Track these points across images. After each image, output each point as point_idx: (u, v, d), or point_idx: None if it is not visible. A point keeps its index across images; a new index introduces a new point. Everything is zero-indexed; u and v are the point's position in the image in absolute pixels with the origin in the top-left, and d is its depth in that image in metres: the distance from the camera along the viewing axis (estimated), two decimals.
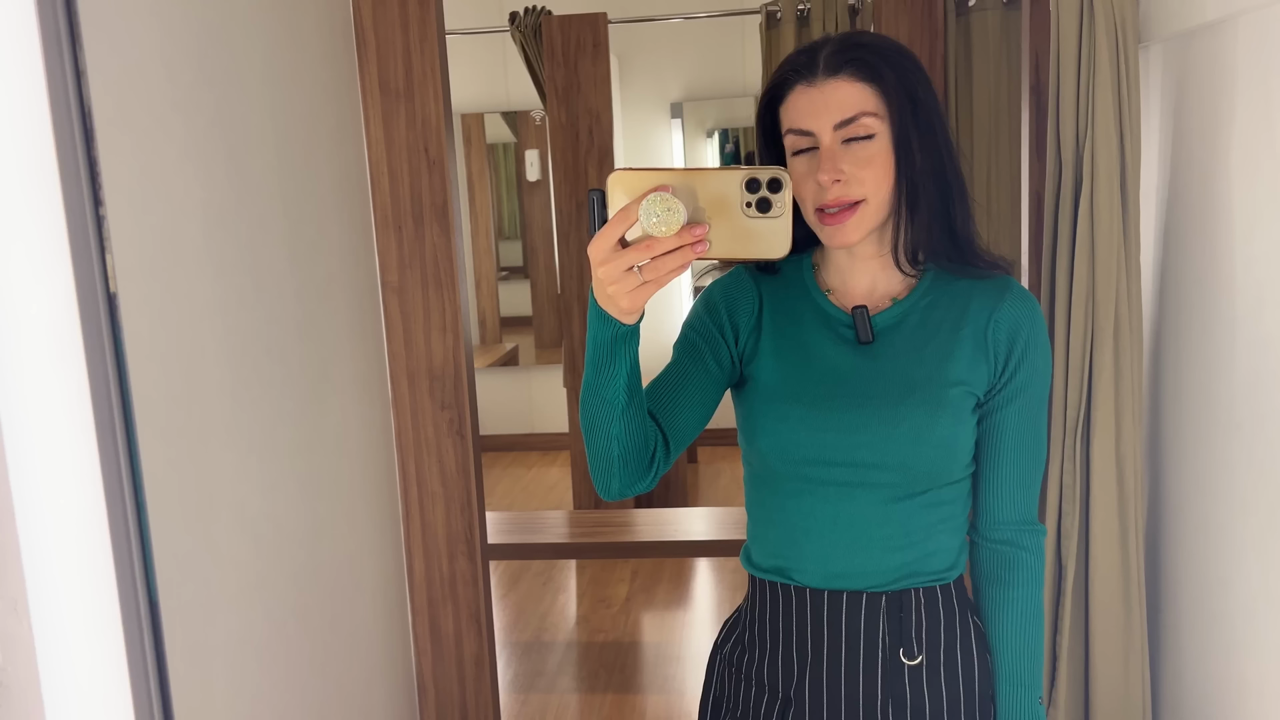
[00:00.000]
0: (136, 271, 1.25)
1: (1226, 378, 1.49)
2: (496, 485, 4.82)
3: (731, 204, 0.83)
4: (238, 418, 1.50)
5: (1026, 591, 1.09)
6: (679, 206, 0.81)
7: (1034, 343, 1.06)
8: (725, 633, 1.22)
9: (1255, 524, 1.42)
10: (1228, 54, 1.46)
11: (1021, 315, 1.05)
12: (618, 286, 0.84)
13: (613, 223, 0.82)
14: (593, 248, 0.84)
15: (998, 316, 1.05)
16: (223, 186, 1.48)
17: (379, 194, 2.05)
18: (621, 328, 0.90)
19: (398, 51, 2.01)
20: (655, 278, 0.83)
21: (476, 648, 2.20)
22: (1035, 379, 1.06)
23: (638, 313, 0.88)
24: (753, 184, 0.83)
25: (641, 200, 0.81)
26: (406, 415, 2.12)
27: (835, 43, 1.01)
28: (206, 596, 1.40)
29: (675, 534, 3.02)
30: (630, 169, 0.83)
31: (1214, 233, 1.52)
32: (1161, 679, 1.77)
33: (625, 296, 0.84)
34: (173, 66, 1.36)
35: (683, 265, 0.83)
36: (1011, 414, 1.06)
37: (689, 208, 0.82)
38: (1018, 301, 1.06)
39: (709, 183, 0.83)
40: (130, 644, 0.75)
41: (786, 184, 0.83)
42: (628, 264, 0.83)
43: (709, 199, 0.83)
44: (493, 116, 5.13)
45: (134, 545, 0.83)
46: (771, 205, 0.83)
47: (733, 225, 0.83)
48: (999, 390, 1.05)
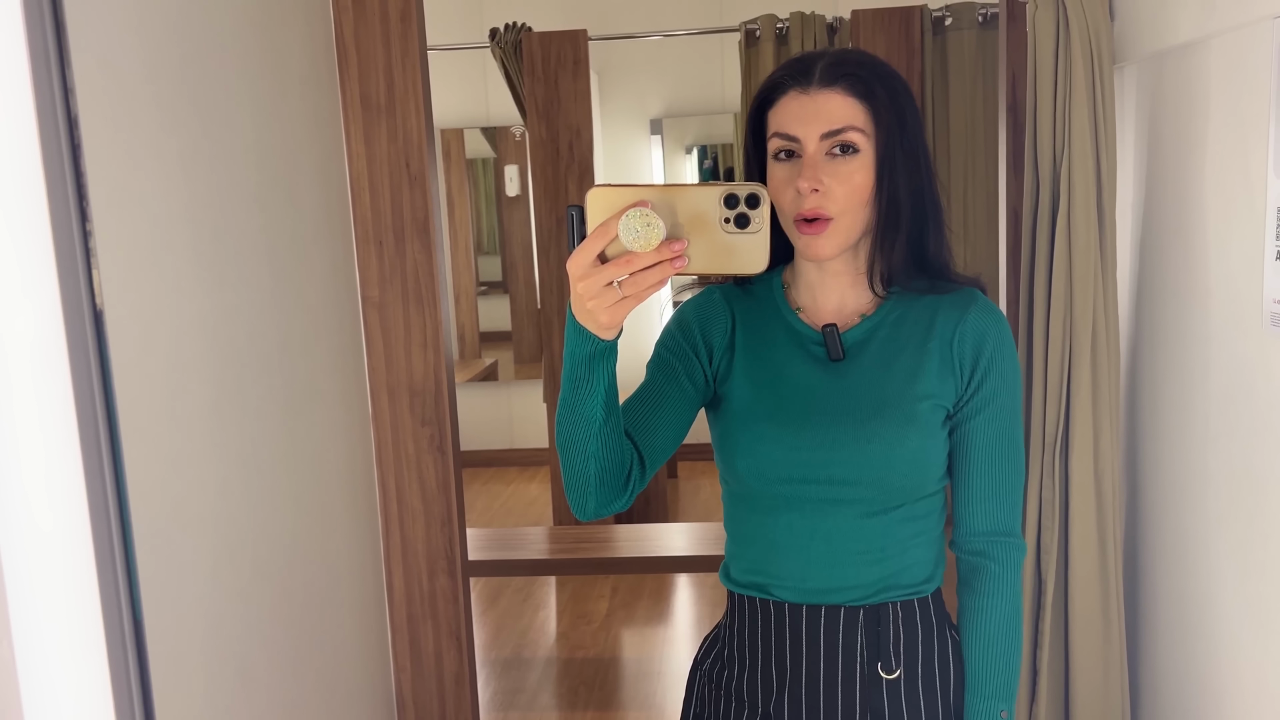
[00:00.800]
0: (122, 287, 1.24)
1: (1202, 391, 1.51)
2: (476, 501, 4.79)
3: (710, 219, 0.84)
4: (220, 433, 1.49)
5: (994, 602, 1.09)
6: (658, 222, 0.82)
7: (1000, 353, 1.06)
8: (705, 649, 1.22)
9: (1232, 536, 1.44)
10: (1201, 74, 1.48)
11: (987, 326, 1.06)
12: (597, 301, 0.84)
13: (592, 238, 0.83)
14: (572, 263, 0.84)
15: (963, 329, 1.06)
16: (206, 202, 1.47)
17: (360, 209, 2.04)
18: (600, 343, 0.90)
19: (379, 67, 2.01)
20: (634, 293, 0.83)
21: (456, 665, 2.18)
22: (1003, 389, 1.06)
23: (616, 328, 0.88)
24: (731, 200, 0.83)
25: (620, 216, 0.81)
26: (387, 431, 2.11)
27: (833, 55, 1.02)
28: (188, 614, 1.38)
29: (656, 549, 3.02)
30: (609, 185, 0.83)
31: (1189, 249, 1.55)
32: (1140, 691, 1.78)
33: (604, 312, 0.85)
34: (157, 84, 1.35)
35: (661, 280, 0.83)
36: (980, 425, 1.06)
37: (668, 223, 0.83)
38: (982, 313, 1.07)
39: (688, 198, 0.83)
40: (114, 660, 0.74)
41: (765, 200, 0.84)
42: (607, 279, 0.83)
43: (688, 214, 0.83)
44: (473, 132, 5.13)
45: (118, 562, 0.82)
46: (750, 221, 0.84)
47: (711, 240, 0.84)
48: (967, 401, 1.06)
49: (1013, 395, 1.08)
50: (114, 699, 0.74)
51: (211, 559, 1.46)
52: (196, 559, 1.42)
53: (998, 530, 1.09)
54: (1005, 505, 1.09)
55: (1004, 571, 1.09)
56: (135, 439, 1.25)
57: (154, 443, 1.31)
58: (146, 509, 1.29)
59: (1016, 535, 1.10)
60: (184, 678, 1.37)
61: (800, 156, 1.01)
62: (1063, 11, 1.62)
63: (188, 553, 1.39)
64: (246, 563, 1.57)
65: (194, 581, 1.41)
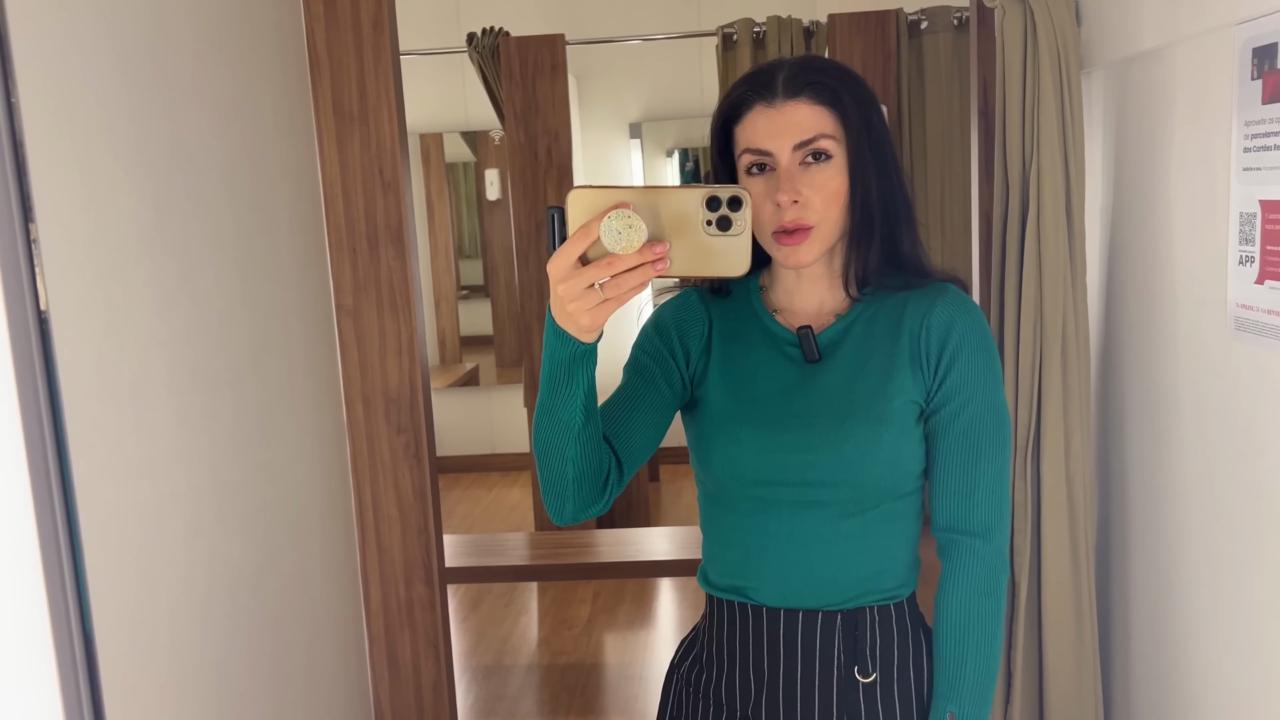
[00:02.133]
0: (74, 295, 1.23)
1: (1171, 394, 1.52)
2: (457, 506, 4.78)
3: (692, 222, 0.83)
4: (186, 443, 1.48)
5: (941, 600, 1.08)
6: (640, 224, 0.81)
7: (967, 345, 1.04)
8: (682, 652, 1.22)
9: (1202, 537, 1.45)
10: (1166, 80, 1.50)
11: (954, 317, 1.04)
12: (578, 304, 0.84)
13: (573, 240, 0.82)
14: (552, 265, 0.83)
15: (929, 322, 1.05)
16: (171, 208, 1.46)
17: (333, 216, 2.04)
18: (580, 346, 0.89)
19: (352, 74, 2.00)
20: (616, 295, 0.83)
21: (435, 674, 2.18)
22: (971, 380, 1.04)
23: (597, 331, 0.88)
24: (713, 202, 0.83)
25: (602, 217, 0.81)
26: (362, 439, 2.10)
27: (793, 66, 1.02)
28: (151, 629, 1.37)
29: (637, 554, 3.02)
30: (590, 186, 0.83)
31: (1155, 253, 1.56)
32: (1113, 691, 1.80)
33: (585, 314, 0.84)
34: (120, 86, 1.34)
35: (643, 283, 0.83)
36: (946, 418, 1.04)
37: (649, 225, 0.82)
38: (950, 305, 1.05)
39: (669, 200, 0.83)
40: (66, 687, 0.73)
41: (747, 202, 0.83)
42: (588, 281, 0.82)
43: (669, 217, 0.83)
44: (452, 135, 5.12)
45: (68, 582, 0.81)
46: (732, 223, 0.83)
47: (693, 243, 0.83)
48: (934, 394, 1.05)
49: (984, 387, 1.04)
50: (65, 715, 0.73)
51: (183, 571, 1.45)
52: (167, 571, 1.41)
53: (954, 527, 1.06)
54: (966, 502, 1.05)
55: (954, 570, 1.06)
56: (89, 452, 1.24)
57: (110, 456, 1.30)
58: (107, 521, 1.28)
59: (976, 534, 1.05)
60: (153, 693, 1.36)
61: (773, 169, 1.01)
62: (1030, 17, 1.63)
63: (157, 565, 1.38)
64: (220, 575, 1.56)
65: (164, 594, 1.40)
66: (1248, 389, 1.30)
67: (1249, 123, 1.24)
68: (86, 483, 1.23)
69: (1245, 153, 1.25)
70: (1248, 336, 1.27)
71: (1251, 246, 1.25)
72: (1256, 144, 1.22)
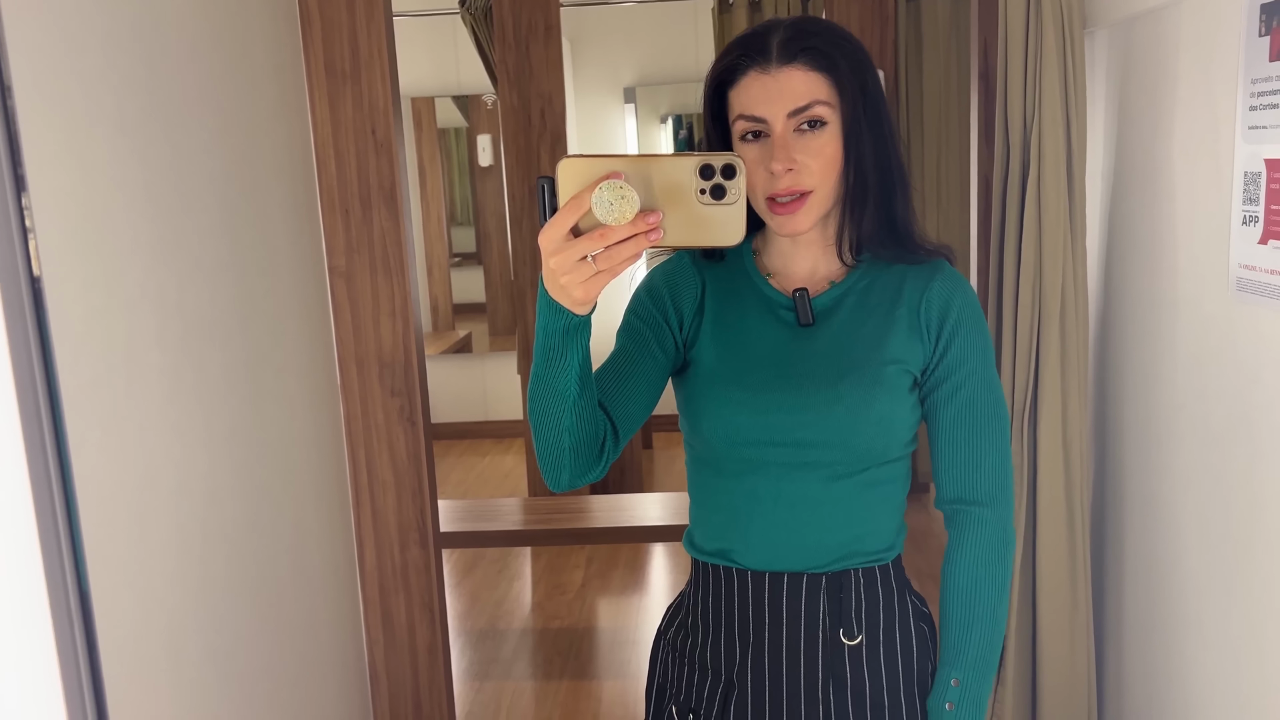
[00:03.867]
0: (65, 256, 1.21)
1: (1170, 357, 1.52)
2: (451, 473, 4.78)
3: (685, 191, 0.81)
4: (177, 406, 1.46)
5: (949, 569, 1.09)
6: (632, 194, 0.79)
7: (965, 320, 1.06)
8: (669, 617, 1.21)
9: (1197, 500, 1.45)
10: (1170, 39, 1.48)
11: (952, 293, 1.06)
12: (571, 277, 0.82)
13: (564, 211, 0.80)
14: (544, 237, 0.81)
15: (929, 295, 1.06)
16: (159, 167, 1.44)
17: (325, 177, 2.01)
18: (574, 318, 0.88)
19: (343, 33, 1.97)
20: (609, 267, 0.81)
21: (429, 637, 2.18)
22: (971, 356, 1.06)
23: (591, 303, 0.86)
24: (707, 170, 0.81)
25: (594, 188, 0.79)
26: (356, 403, 2.08)
27: (788, 29, 1.00)
28: (145, 592, 1.36)
29: (630, 520, 3.02)
30: (580, 155, 0.81)
31: (1157, 215, 1.55)
32: (1106, 656, 1.81)
33: (579, 287, 0.82)
34: (107, 45, 1.31)
35: (637, 254, 0.81)
36: (947, 392, 1.06)
37: (642, 195, 0.80)
38: (948, 281, 1.07)
39: (662, 169, 0.81)
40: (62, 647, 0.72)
41: (741, 170, 0.81)
42: (580, 253, 0.80)
43: (662, 186, 0.81)
44: (444, 101, 5.07)
45: (64, 546, 0.80)
46: (726, 192, 0.81)
47: (687, 212, 0.81)
48: (935, 368, 1.06)
49: (983, 364, 1.07)
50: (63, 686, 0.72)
51: (177, 536, 1.44)
52: (160, 534, 1.40)
53: (962, 498, 1.08)
54: (973, 473, 1.07)
55: (962, 540, 1.08)
56: (82, 417, 1.23)
57: (103, 420, 1.29)
58: (101, 483, 1.27)
59: (983, 504, 1.08)
60: (149, 655, 1.36)
61: (768, 136, 1.00)
62: None
63: (151, 528, 1.37)
64: (214, 538, 1.55)
65: (158, 557, 1.39)
66: (1248, 351, 1.29)
67: (1255, 80, 1.22)
68: (80, 447, 1.22)
69: (1251, 111, 1.24)
70: (1250, 298, 1.27)
71: (1256, 206, 1.24)
72: (1263, 101, 1.21)
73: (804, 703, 1.08)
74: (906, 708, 1.09)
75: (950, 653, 1.08)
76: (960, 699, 1.08)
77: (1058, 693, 1.74)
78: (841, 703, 1.08)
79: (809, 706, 1.08)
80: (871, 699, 1.08)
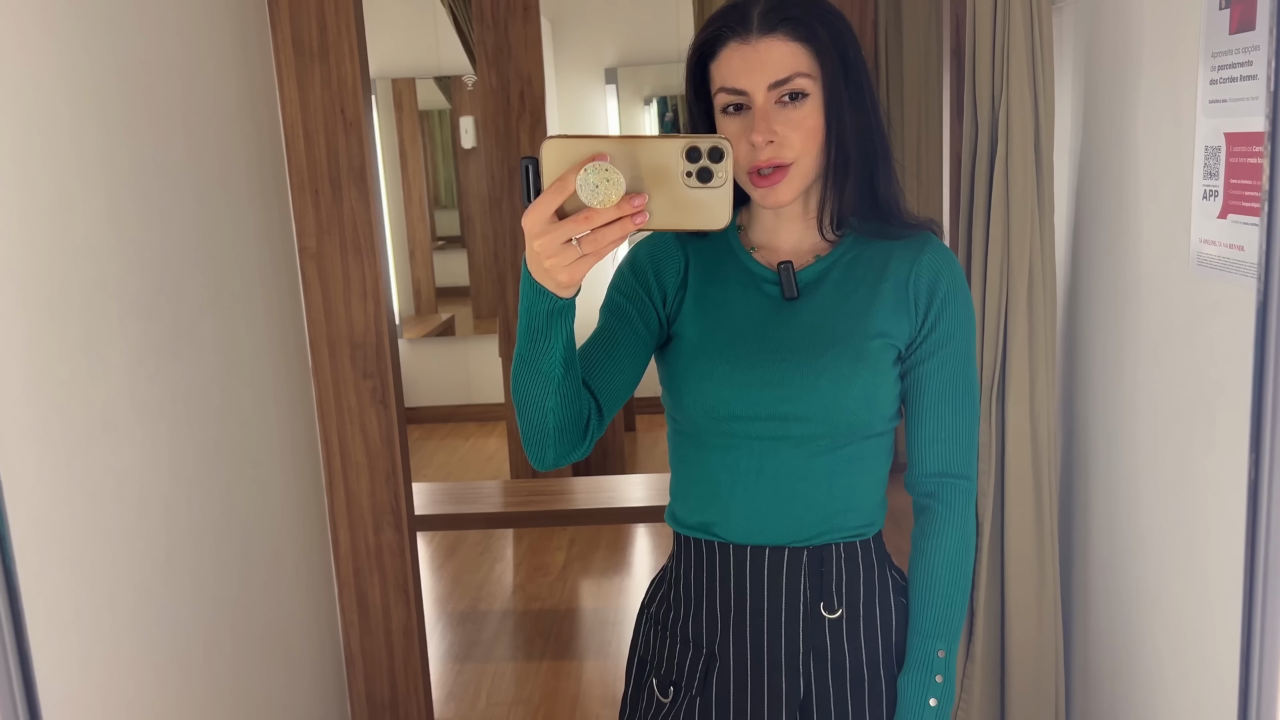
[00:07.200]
0: (17, 238, 1.20)
1: (1133, 333, 1.52)
2: (433, 456, 4.78)
3: (671, 173, 0.80)
4: (143, 390, 1.46)
5: (939, 543, 1.10)
6: (618, 176, 0.78)
7: (954, 294, 1.06)
8: (651, 592, 1.22)
9: (1157, 477, 1.46)
10: (1135, 13, 1.47)
11: (941, 267, 1.06)
12: (555, 260, 0.81)
13: (548, 193, 0.79)
14: (527, 220, 0.80)
15: (918, 269, 1.05)
16: (123, 148, 1.43)
17: (294, 156, 1.99)
18: (558, 301, 0.87)
19: (311, 10, 1.95)
20: (594, 250, 0.80)
21: (405, 618, 2.18)
22: (958, 330, 1.06)
23: (575, 286, 0.85)
24: (693, 153, 0.80)
25: (578, 170, 0.78)
26: (328, 385, 2.08)
27: (768, 0, 1.00)
28: (108, 583, 1.36)
29: (612, 501, 3.02)
30: (565, 136, 0.79)
31: (1122, 191, 1.55)
32: (1073, 630, 1.82)
33: (564, 270, 0.81)
34: (69, 18, 1.30)
35: (622, 237, 0.80)
36: (934, 367, 1.06)
37: (627, 177, 0.79)
38: (936, 255, 1.06)
39: (648, 151, 0.79)
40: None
41: (728, 153, 0.80)
42: (564, 237, 0.79)
43: (648, 168, 0.80)
44: (427, 83, 5.03)
45: None
46: (713, 175, 0.80)
47: (673, 195, 0.80)
48: (921, 342, 1.06)
49: (967, 338, 1.07)
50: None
51: (145, 518, 1.43)
52: (123, 521, 1.39)
53: (947, 471, 1.09)
54: (956, 447, 1.09)
55: (950, 513, 1.09)
56: (50, 390, 1.22)
57: (71, 399, 1.28)
58: (48, 476, 1.26)
59: (967, 477, 1.09)
60: (110, 644, 1.35)
61: (749, 109, 0.99)
62: None
63: (112, 515, 1.37)
64: (184, 521, 1.55)
65: (120, 546, 1.38)
66: (1208, 326, 1.29)
67: (1216, 54, 1.22)
68: (43, 436, 1.21)
69: (1212, 84, 1.24)
70: (1209, 272, 1.27)
71: (1215, 180, 1.24)
72: (1223, 75, 1.21)
73: (784, 675, 1.09)
74: (886, 681, 1.10)
75: (933, 625, 1.09)
76: (946, 670, 1.09)
77: (1026, 666, 1.75)
78: (822, 676, 1.09)
79: (789, 679, 1.09)
80: (851, 672, 1.09)
